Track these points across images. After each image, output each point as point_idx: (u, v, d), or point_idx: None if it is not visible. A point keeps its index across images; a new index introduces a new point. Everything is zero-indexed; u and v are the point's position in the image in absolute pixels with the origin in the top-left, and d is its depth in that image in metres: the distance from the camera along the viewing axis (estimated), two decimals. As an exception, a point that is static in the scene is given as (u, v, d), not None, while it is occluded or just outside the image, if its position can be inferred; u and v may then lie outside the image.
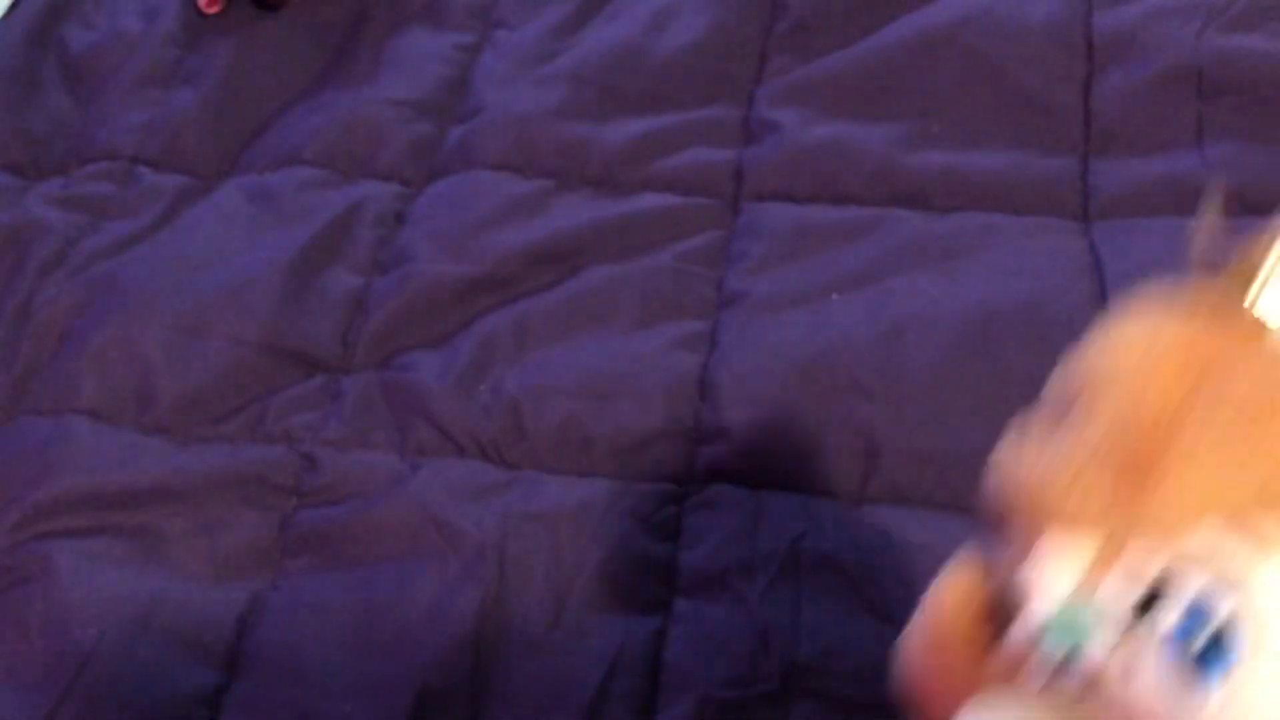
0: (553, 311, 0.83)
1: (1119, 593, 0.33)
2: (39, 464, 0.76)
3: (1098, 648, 0.33)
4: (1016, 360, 0.76)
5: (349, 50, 1.03)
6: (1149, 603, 0.33)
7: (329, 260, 0.87)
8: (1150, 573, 0.33)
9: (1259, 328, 0.37)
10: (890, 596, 0.68)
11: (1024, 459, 0.36)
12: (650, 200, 0.89)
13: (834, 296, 0.81)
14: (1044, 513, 0.34)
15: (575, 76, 0.97)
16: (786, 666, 0.65)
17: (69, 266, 0.87)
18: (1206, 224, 0.38)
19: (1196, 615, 0.32)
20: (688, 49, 0.99)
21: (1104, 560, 0.33)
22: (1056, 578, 0.34)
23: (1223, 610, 0.32)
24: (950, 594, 0.38)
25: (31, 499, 0.74)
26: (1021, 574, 0.35)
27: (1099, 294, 0.80)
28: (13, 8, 1.08)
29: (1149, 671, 0.33)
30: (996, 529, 0.37)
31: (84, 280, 0.86)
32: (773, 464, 0.75)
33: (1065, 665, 0.34)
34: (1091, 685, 0.34)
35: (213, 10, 1.06)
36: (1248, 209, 0.83)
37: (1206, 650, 0.32)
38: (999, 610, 0.36)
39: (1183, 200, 0.85)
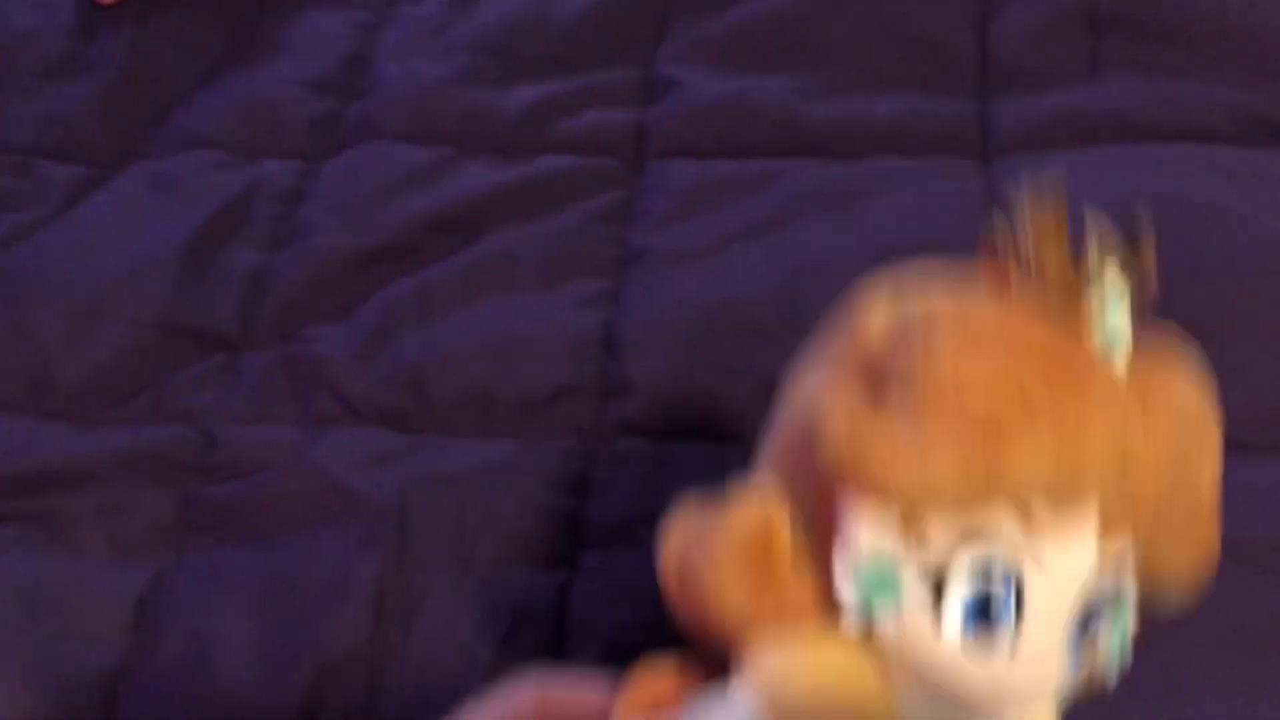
0: (454, 277, 0.82)
1: (920, 556, 0.36)
2: (-66, 455, 0.75)
3: (897, 605, 0.36)
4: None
5: (248, 34, 1.02)
6: (940, 569, 0.36)
7: (227, 238, 0.86)
8: (945, 542, 0.36)
9: (1084, 332, 0.38)
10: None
11: (853, 423, 0.36)
12: (551, 163, 0.89)
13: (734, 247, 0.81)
14: (874, 477, 0.35)
15: (474, 45, 0.97)
16: (691, 610, 0.65)
17: (-36, 259, 0.86)
18: (1030, 225, 0.38)
19: (980, 586, 0.36)
20: (587, 11, 0.98)
21: (913, 524, 0.36)
22: (871, 534, 0.36)
23: (1002, 583, 0.35)
24: (746, 523, 0.38)
25: (-73, 490, 0.73)
26: (841, 524, 0.37)
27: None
28: (-97, 7, 1.06)
29: (934, 633, 0.36)
30: (803, 476, 0.39)
31: (-22, 271, 0.84)
32: (680, 415, 0.74)
33: (869, 616, 0.37)
34: (889, 640, 0.37)
35: (109, 1, 1.04)
36: (1138, 138, 0.84)
37: (987, 617, 0.36)
38: (801, 550, 0.38)
39: (1077, 133, 0.85)
